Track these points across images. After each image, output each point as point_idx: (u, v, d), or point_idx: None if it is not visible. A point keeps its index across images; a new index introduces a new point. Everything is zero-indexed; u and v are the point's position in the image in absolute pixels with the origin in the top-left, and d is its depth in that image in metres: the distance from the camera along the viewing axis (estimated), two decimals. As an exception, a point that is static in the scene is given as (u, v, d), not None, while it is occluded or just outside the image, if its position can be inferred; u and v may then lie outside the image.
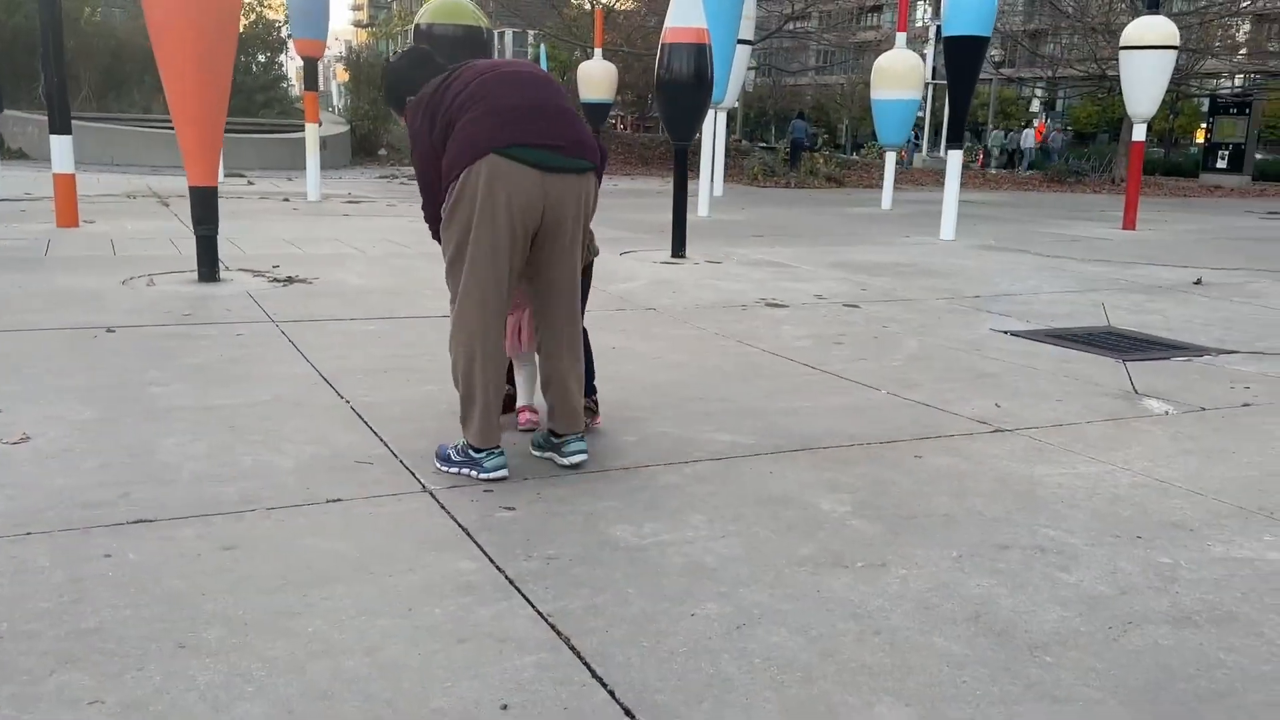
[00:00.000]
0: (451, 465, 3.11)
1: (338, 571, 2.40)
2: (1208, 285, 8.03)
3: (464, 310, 3.04)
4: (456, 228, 2.98)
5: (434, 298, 6.12)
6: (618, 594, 2.35)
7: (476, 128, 2.92)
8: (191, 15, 5.90)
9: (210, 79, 6.06)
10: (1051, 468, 3.38)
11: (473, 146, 2.91)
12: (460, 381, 3.08)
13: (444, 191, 3.00)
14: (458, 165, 2.93)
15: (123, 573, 2.34)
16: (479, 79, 3.00)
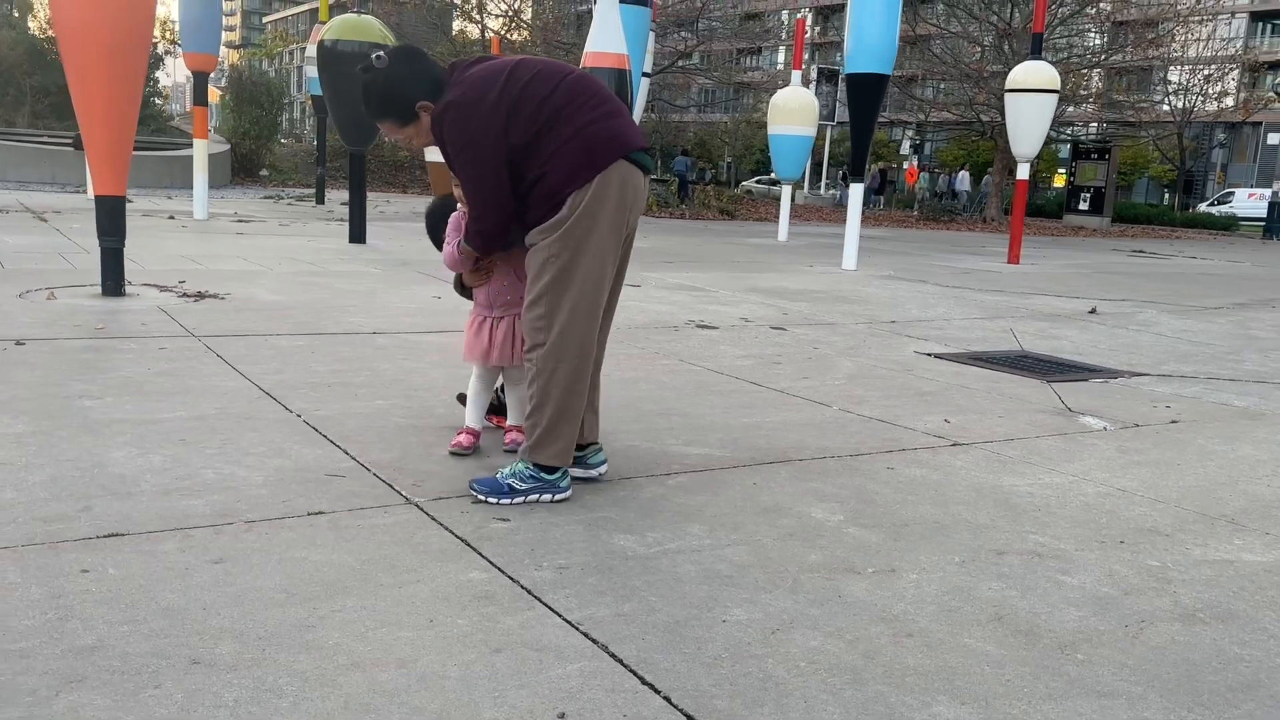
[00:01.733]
0: (518, 495, 2.85)
1: (343, 583, 2.25)
2: (1101, 314, 8.45)
3: (574, 324, 2.82)
4: (577, 236, 2.78)
5: (361, 314, 5.92)
6: (642, 602, 2.27)
7: (604, 129, 2.77)
8: (104, 15, 5.59)
9: (122, 82, 5.74)
10: (1017, 479, 3.46)
11: (607, 149, 2.76)
12: (554, 398, 2.84)
13: (540, 198, 2.79)
14: (586, 170, 2.74)
15: (107, 588, 2.14)
16: (572, 76, 2.81)
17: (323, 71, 10.39)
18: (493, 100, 2.72)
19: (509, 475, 2.89)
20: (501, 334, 3.23)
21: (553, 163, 2.76)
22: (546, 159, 2.76)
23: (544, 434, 2.87)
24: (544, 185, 2.79)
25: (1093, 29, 32.19)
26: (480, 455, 3.31)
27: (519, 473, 2.89)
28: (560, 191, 2.77)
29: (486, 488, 2.88)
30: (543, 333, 2.85)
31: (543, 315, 2.84)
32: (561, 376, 2.85)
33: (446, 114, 2.75)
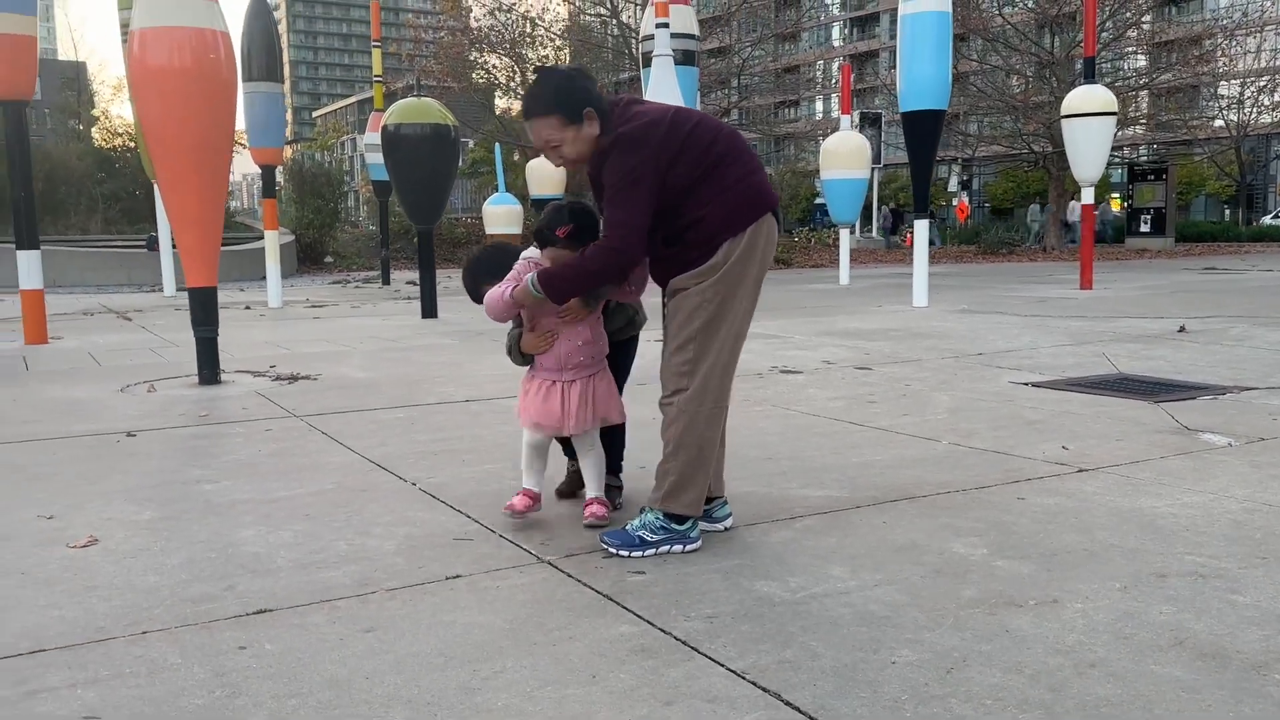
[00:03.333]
0: (649, 547, 2.81)
1: (497, 644, 2.22)
2: (1191, 332, 8.21)
3: (716, 371, 2.83)
4: (729, 284, 2.79)
5: (450, 384, 5.97)
6: (803, 648, 2.20)
7: (758, 183, 2.82)
8: (190, 116, 5.79)
9: (209, 179, 5.93)
10: (1155, 500, 3.33)
11: (760, 202, 2.80)
12: (694, 447, 2.82)
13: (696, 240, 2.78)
14: (742, 220, 2.78)
15: (268, 663, 2.13)
16: (727, 129, 2.85)
17: (389, 155, 10.64)
18: (659, 138, 2.74)
19: (639, 527, 2.85)
20: (576, 399, 3.06)
21: (712, 207, 2.77)
22: (706, 203, 2.77)
23: (677, 482, 2.83)
24: (702, 228, 2.78)
25: (1136, 50, 31.95)
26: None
27: (649, 524, 2.84)
28: (717, 236, 2.78)
29: (618, 541, 2.84)
30: (686, 378, 2.82)
31: (689, 360, 2.81)
32: (700, 424, 2.83)
33: (619, 143, 2.75)
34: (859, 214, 17.05)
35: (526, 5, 29.01)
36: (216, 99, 5.95)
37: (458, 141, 10.87)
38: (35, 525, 3.18)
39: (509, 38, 29.37)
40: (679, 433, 2.83)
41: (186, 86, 5.80)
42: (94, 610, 2.43)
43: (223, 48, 5.98)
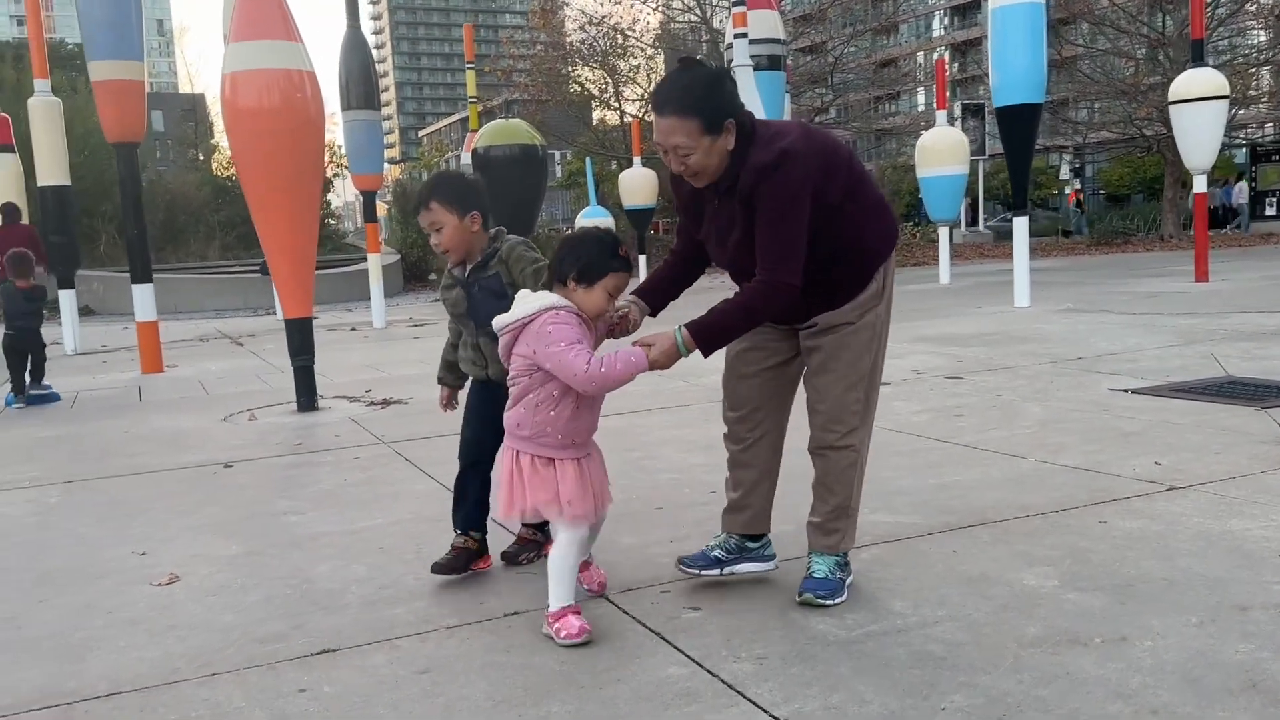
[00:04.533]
0: (844, 590, 2.71)
1: (546, 686, 2.25)
2: (1313, 327, 7.76)
3: (872, 407, 2.75)
4: (885, 314, 2.72)
5: (534, 406, 6.05)
6: (851, 693, 2.17)
7: (883, 197, 2.72)
8: (280, 149, 6.03)
9: (300, 211, 6.16)
10: (1249, 521, 3.17)
11: (893, 219, 2.73)
12: (855, 485, 2.75)
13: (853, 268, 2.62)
14: (889, 244, 2.69)
15: (324, 706, 2.20)
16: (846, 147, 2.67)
17: (480, 173, 10.87)
18: (813, 155, 2.52)
19: (832, 568, 2.72)
20: (598, 471, 2.63)
21: (865, 230, 2.63)
22: (858, 225, 2.61)
23: (845, 524, 2.75)
24: (855, 253, 2.62)
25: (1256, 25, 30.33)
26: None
27: (834, 565, 2.73)
28: (874, 262, 2.66)
29: (826, 590, 2.66)
30: (858, 416, 2.70)
31: (861, 399, 2.69)
32: (864, 461, 2.77)
33: (784, 161, 2.47)
34: (958, 211, 16.62)
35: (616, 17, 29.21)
36: (304, 136, 6.18)
37: (546, 161, 11.05)
38: (127, 562, 3.35)
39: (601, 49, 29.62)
40: (847, 471, 2.72)
41: (275, 125, 6.04)
42: (170, 651, 2.55)
43: (309, 87, 6.20)
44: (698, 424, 5.23)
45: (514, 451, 2.54)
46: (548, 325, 2.44)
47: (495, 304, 2.76)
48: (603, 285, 2.50)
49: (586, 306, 2.50)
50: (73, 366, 9.97)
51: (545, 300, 2.47)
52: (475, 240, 2.94)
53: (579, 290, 2.49)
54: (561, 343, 2.40)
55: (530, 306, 2.47)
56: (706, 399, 5.98)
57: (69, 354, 11.29)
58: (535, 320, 2.46)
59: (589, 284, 2.49)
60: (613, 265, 2.51)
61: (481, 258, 2.95)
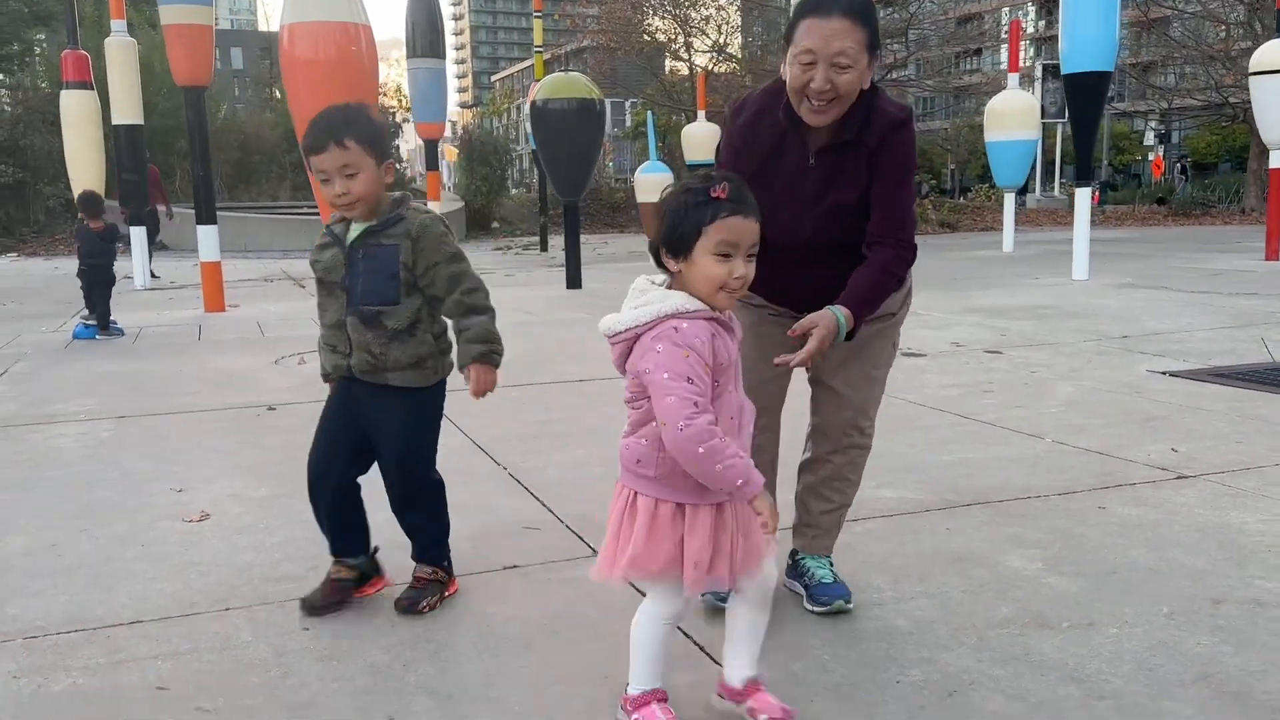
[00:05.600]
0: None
1: (529, 639, 2.39)
2: (1376, 314, 7.55)
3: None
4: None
5: (571, 363, 6.19)
6: (815, 661, 2.27)
7: None
8: (333, 100, 6.17)
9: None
10: (1249, 514, 3.18)
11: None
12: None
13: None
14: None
15: (323, 644, 2.38)
16: None
17: (536, 130, 10.96)
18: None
19: (831, 568, 2.61)
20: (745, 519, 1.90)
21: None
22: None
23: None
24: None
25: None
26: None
27: (829, 563, 2.64)
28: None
29: (846, 592, 2.52)
30: (871, 423, 2.61)
31: (877, 399, 2.61)
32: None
33: (910, 117, 2.39)
34: (1024, 177, 16.28)
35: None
36: (359, 87, 6.32)
37: (603, 115, 11.06)
38: (165, 498, 3.57)
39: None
40: (855, 478, 2.67)
41: (330, 76, 6.21)
42: (191, 585, 2.75)
43: (364, 39, 6.34)
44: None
45: (630, 494, 1.90)
46: (658, 342, 1.78)
47: (382, 283, 2.42)
48: (704, 249, 1.79)
49: (700, 288, 1.82)
50: (140, 302, 10.37)
51: (670, 302, 1.80)
52: (382, 197, 2.46)
53: (682, 268, 1.83)
54: (664, 374, 1.76)
55: (648, 310, 1.81)
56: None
57: (137, 289, 11.71)
58: (650, 330, 1.80)
59: (685, 254, 1.81)
60: (707, 214, 1.79)
61: (379, 221, 2.43)
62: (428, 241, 2.44)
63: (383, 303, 2.45)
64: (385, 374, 2.51)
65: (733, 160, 2.42)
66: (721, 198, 1.79)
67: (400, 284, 2.43)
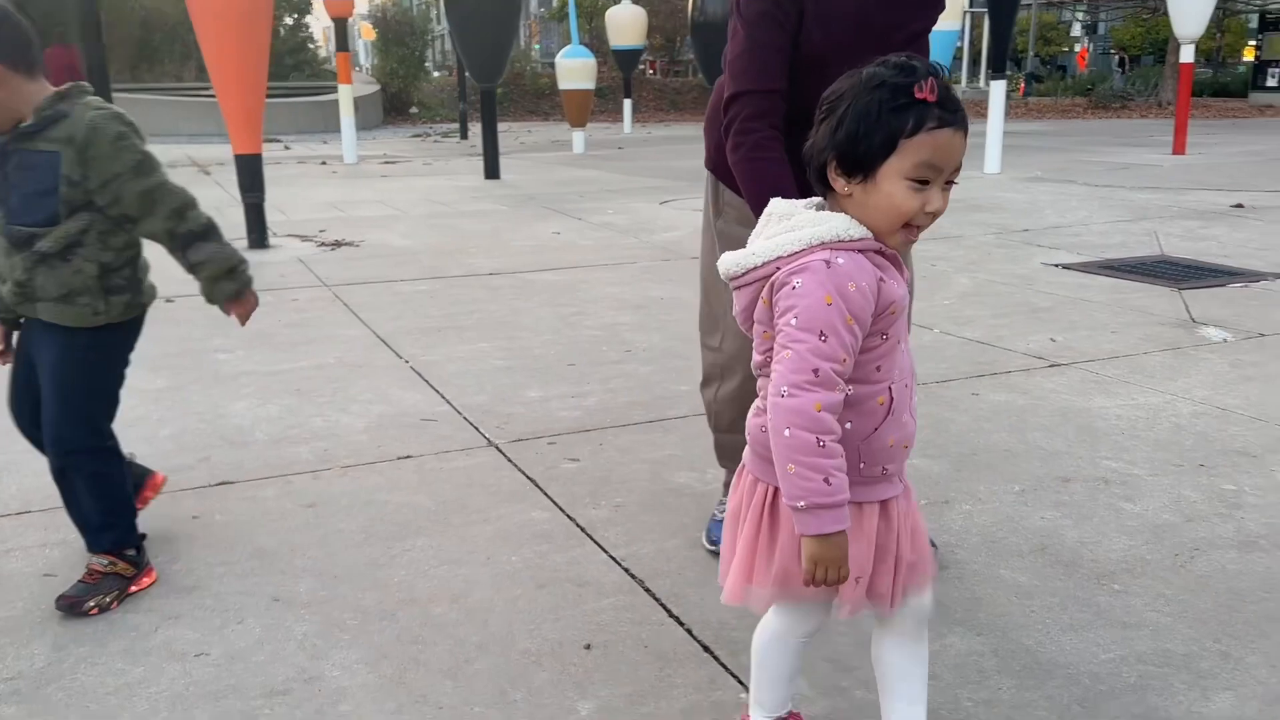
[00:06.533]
0: None
1: (417, 524, 2.48)
2: (1262, 209, 7.86)
3: None
4: None
5: (482, 255, 6.18)
6: (687, 538, 2.41)
7: None
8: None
9: (249, 43, 6.10)
10: (1110, 400, 3.38)
11: None
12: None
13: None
14: None
15: (212, 532, 2.44)
16: None
17: (450, 12, 10.62)
18: None
19: None
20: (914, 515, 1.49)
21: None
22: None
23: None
24: None
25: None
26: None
27: None
28: None
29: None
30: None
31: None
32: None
33: None
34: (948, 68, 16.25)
35: None
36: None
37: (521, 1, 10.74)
38: (59, 392, 3.55)
39: None
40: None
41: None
42: (82, 477, 2.78)
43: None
44: (636, 282, 5.38)
45: (767, 491, 1.43)
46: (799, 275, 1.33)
47: (35, 199, 2.02)
48: (895, 170, 1.31)
49: (877, 220, 1.34)
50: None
51: (825, 227, 1.35)
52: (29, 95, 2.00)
53: (855, 191, 1.35)
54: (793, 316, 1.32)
55: (793, 238, 1.36)
56: (651, 258, 6.12)
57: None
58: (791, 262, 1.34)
59: (866, 174, 1.33)
60: (908, 122, 1.30)
61: (36, 120, 2.00)
62: (100, 148, 1.99)
63: (37, 223, 2.02)
64: (34, 305, 2.08)
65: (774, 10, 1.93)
66: (929, 101, 1.29)
67: (59, 200, 2.00)
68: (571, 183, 10.25)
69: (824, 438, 1.29)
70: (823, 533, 1.30)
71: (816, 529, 1.30)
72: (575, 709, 1.76)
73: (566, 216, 7.82)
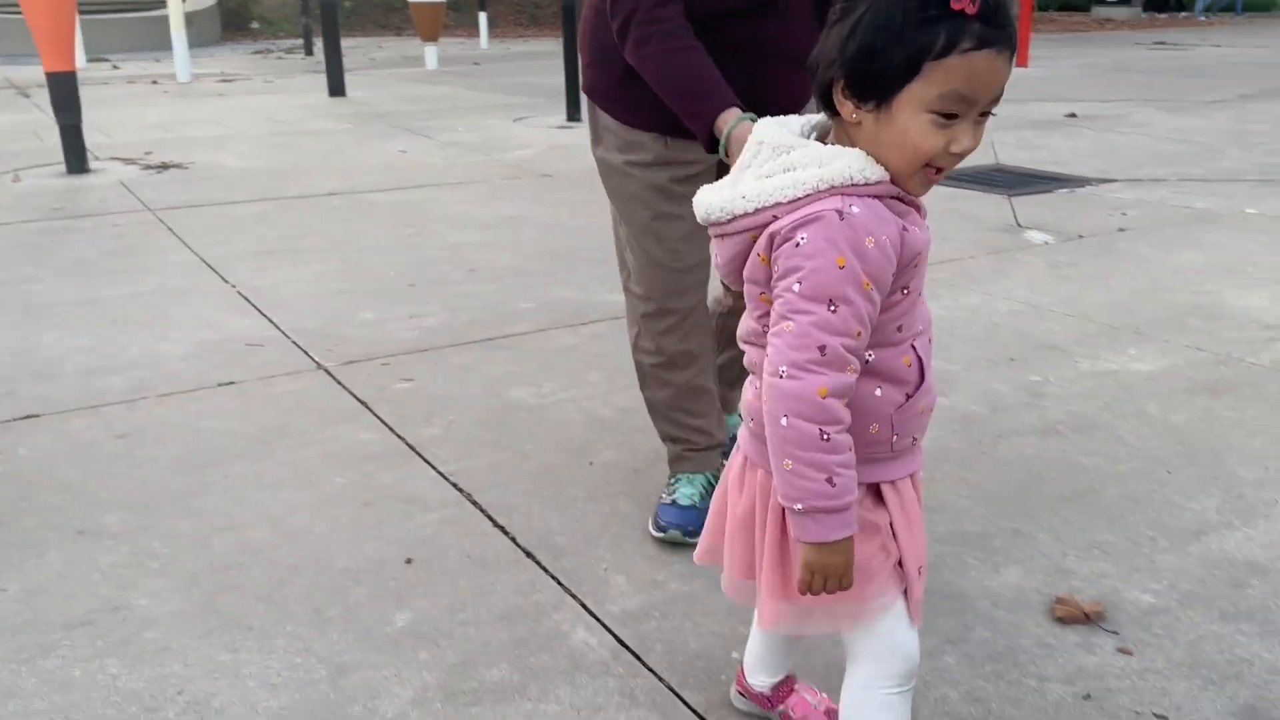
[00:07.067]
0: None
1: (236, 450, 2.41)
2: (1094, 118, 8.22)
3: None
4: None
5: (322, 175, 5.94)
6: (518, 451, 2.41)
7: None
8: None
9: (53, -48, 5.62)
10: (934, 303, 3.51)
11: None
12: None
13: None
14: None
15: (15, 467, 2.31)
16: None
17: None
18: None
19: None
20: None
21: None
22: None
23: None
24: None
25: None
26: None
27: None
28: None
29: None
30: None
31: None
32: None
33: None
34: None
35: None
36: None
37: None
38: None
39: None
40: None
41: None
42: None
43: None
44: (485, 201, 5.27)
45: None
46: (805, 228, 1.09)
47: None
48: (916, 99, 1.07)
49: (892, 157, 1.10)
50: None
51: (836, 167, 1.10)
52: None
53: (865, 119, 1.11)
54: (795, 281, 1.08)
55: (794, 180, 1.11)
56: (503, 175, 6.00)
57: None
58: (796, 211, 1.10)
59: (881, 100, 1.09)
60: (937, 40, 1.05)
61: None
62: None
63: None
64: None
65: None
66: (969, 13, 1.04)
67: None
68: (422, 100, 9.91)
69: (828, 429, 1.07)
70: (824, 541, 1.10)
71: (817, 536, 1.11)
72: (391, 620, 1.75)
73: (414, 135, 7.57)
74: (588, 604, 1.80)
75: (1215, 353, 2.98)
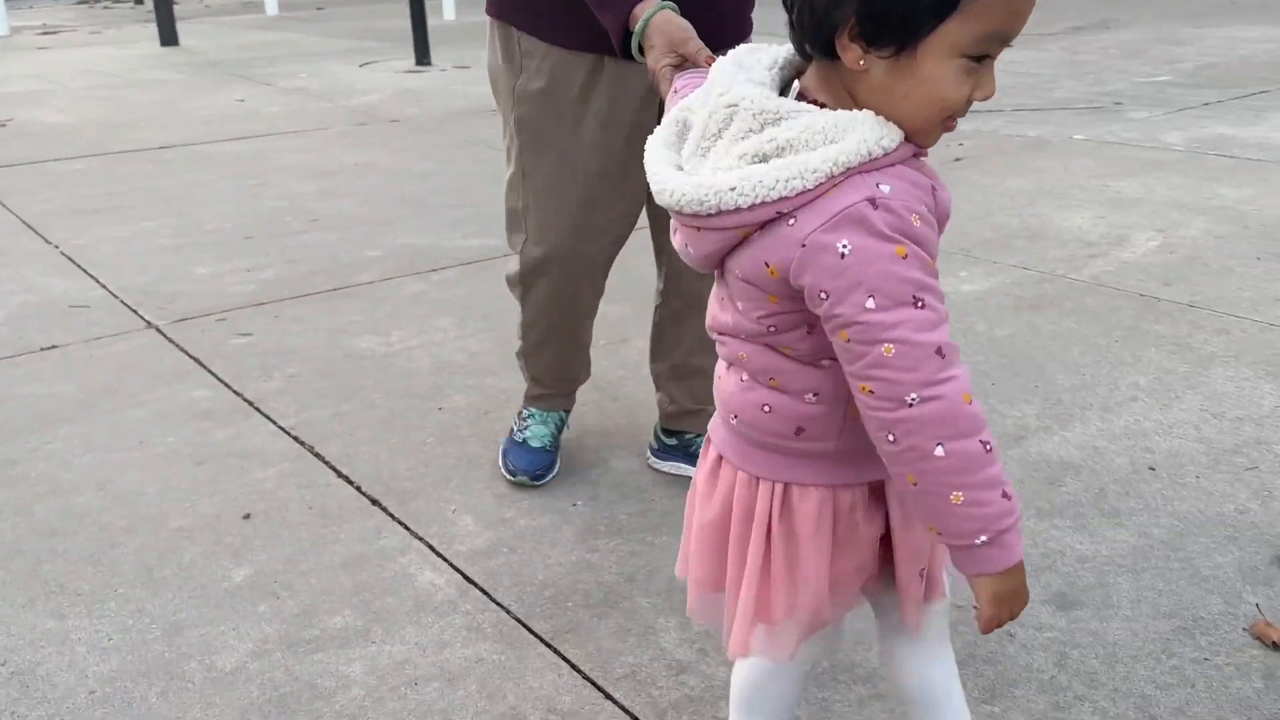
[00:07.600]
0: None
1: (61, 414, 2.29)
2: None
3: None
4: None
5: (152, 128, 5.63)
6: (364, 400, 2.36)
7: None
8: None
9: None
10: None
11: None
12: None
13: None
14: None
15: None
16: None
17: None
18: None
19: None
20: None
21: None
22: None
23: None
24: None
25: None
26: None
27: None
28: None
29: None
30: None
31: None
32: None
33: None
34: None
35: None
36: None
37: None
38: None
39: None
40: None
41: None
42: None
43: None
44: (327, 149, 5.09)
45: (775, 491, 1.03)
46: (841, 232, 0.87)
47: None
48: (948, 43, 0.86)
49: (907, 112, 0.90)
50: None
51: (851, 143, 0.88)
52: None
53: (875, 68, 0.89)
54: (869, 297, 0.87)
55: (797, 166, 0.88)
56: (347, 122, 5.80)
57: None
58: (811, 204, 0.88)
59: (904, 46, 0.87)
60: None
61: None
62: None
63: None
64: None
65: None
66: None
67: None
68: (261, 46, 9.46)
69: (986, 436, 0.89)
70: (1013, 564, 0.92)
71: (1004, 562, 0.91)
72: (229, 576, 1.71)
73: (253, 83, 7.24)
74: (435, 545, 1.79)
75: (1040, 271, 3.13)
